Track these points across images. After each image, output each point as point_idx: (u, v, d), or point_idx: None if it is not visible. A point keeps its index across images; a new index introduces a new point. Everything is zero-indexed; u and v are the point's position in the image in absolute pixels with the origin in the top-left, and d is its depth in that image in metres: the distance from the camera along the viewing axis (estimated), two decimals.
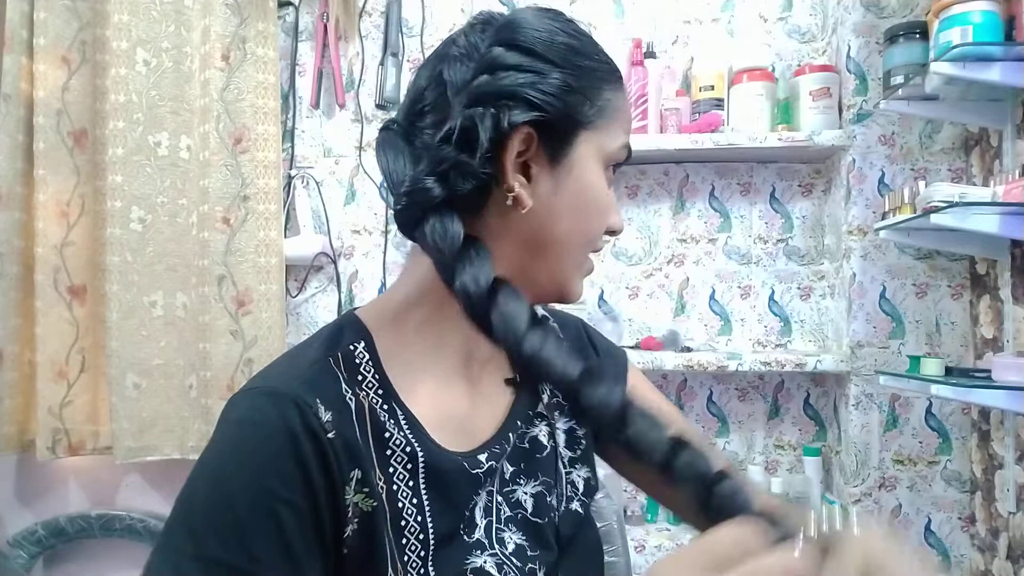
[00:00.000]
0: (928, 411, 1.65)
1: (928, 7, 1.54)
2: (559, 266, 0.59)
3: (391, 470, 0.55)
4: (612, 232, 0.62)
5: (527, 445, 0.65)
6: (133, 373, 1.80)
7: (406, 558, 0.54)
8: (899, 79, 1.51)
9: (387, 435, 0.55)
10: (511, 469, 0.63)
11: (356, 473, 0.53)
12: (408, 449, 0.56)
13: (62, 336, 1.84)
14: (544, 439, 0.67)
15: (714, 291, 1.86)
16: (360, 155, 1.91)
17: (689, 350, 1.74)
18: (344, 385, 0.55)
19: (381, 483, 0.54)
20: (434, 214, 0.53)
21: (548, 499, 0.65)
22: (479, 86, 0.54)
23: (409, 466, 0.56)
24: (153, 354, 1.82)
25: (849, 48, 1.70)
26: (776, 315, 1.85)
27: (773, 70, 1.80)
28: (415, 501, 0.56)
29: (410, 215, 0.55)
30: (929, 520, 1.63)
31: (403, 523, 0.55)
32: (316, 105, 1.91)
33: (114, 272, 1.79)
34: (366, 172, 1.91)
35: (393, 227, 1.90)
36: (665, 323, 1.86)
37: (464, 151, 0.53)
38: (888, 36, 1.57)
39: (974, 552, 1.61)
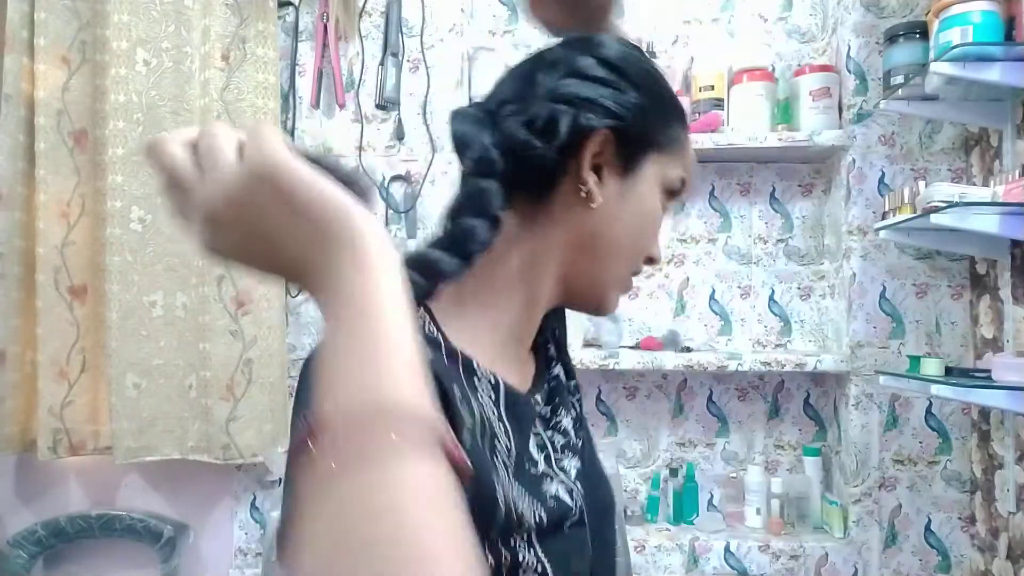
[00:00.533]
0: (928, 411, 1.65)
1: (928, 7, 1.54)
2: (605, 273, 0.63)
3: (479, 393, 0.56)
4: (651, 260, 0.66)
5: (554, 384, 0.71)
6: (133, 373, 1.80)
7: (500, 473, 0.54)
8: (899, 79, 1.51)
9: (473, 363, 0.57)
10: (548, 408, 0.68)
11: (456, 389, 0.53)
12: (492, 379, 0.58)
13: (63, 336, 1.84)
14: (563, 377, 0.72)
15: (714, 291, 1.87)
16: (360, 155, 1.91)
17: (689, 350, 1.74)
18: (425, 328, 0.57)
19: (472, 403, 0.55)
20: (485, 180, 0.58)
21: (576, 426, 0.70)
22: (566, 86, 0.59)
23: (492, 394, 0.58)
24: (153, 354, 1.82)
25: (849, 48, 1.70)
26: (776, 315, 1.85)
27: (773, 70, 1.80)
28: (500, 426, 0.57)
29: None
30: (929, 520, 1.63)
31: (496, 442, 0.56)
32: (316, 105, 1.92)
33: (114, 272, 1.79)
34: (366, 172, 1.91)
35: (393, 226, 1.90)
36: (665, 323, 1.86)
37: (539, 137, 0.58)
38: (888, 36, 1.57)
39: (974, 552, 1.61)
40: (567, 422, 0.68)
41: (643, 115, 0.60)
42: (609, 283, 0.64)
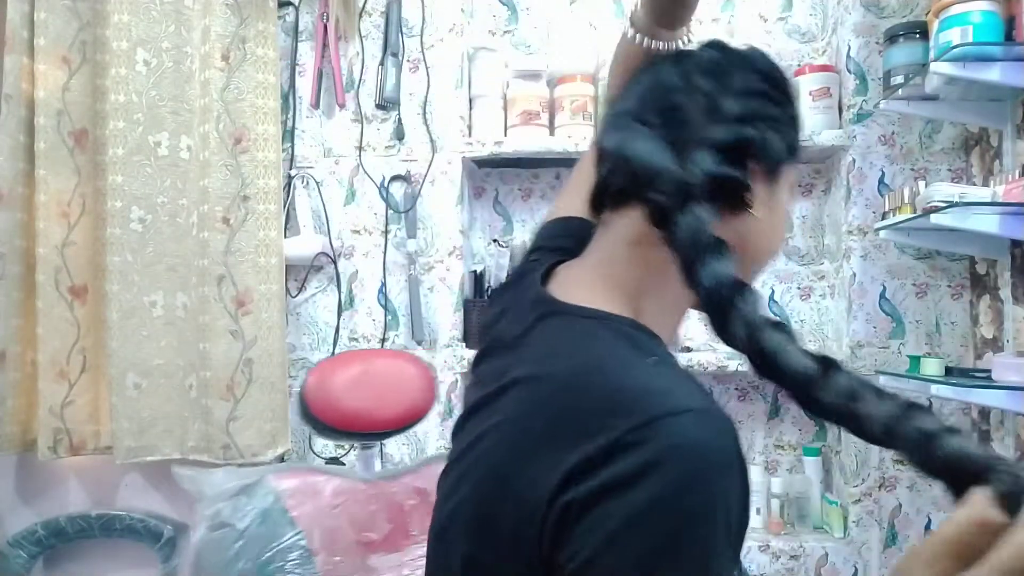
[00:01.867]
0: None
1: (928, 7, 1.54)
2: (746, 276, 0.60)
3: None
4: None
5: None
6: (133, 373, 1.81)
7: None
8: (899, 79, 1.51)
9: None
10: None
11: None
12: None
13: (63, 336, 1.84)
14: None
15: None
16: (360, 155, 1.91)
17: (689, 350, 1.74)
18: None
19: None
20: (694, 205, 0.54)
21: None
22: (751, 110, 0.59)
23: None
24: (153, 354, 1.82)
25: (849, 48, 1.70)
26: (776, 315, 1.85)
27: None
28: None
29: (666, 207, 0.55)
30: (929, 520, 1.63)
31: None
32: (316, 105, 1.92)
33: (114, 272, 1.79)
34: (366, 172, 1.91)
35: (393, 227, 1.90)
36: None
37: (730, 166, 0.58)
38: (888, 36, 1.57)
39: None
40: None
41: (796, 136, 0.63)
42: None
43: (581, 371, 0.54)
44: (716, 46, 0.64)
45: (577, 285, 0.63)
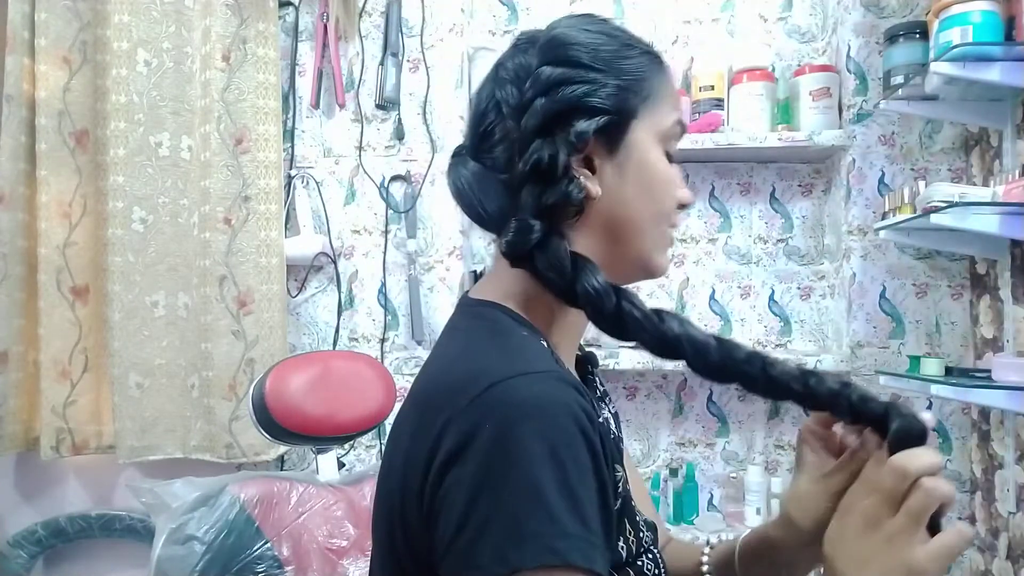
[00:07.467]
0: (928, 411, 1.65)
1: (928, 7, 1.54)
2: (638, 245, 0.63)
3: (607, 447, 0.55)
4: (683, 205, 0.65)
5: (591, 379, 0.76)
6: (135, 373, 1.81)
7: (637, 525, 0.62)
8: (899, 79, 1.52)
9: (601, 419, 0.58)
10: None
11: (612, 451, 0.56)
12: (603, 422, 0.60)
13: (65, 336, 1.85)
14: (612, 425, 0.74)
15: (714, 291, 1.87)
16: (360, 155, 1.91)
17: None
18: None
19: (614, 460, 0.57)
20: (540, 246, 0.57)
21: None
22: (542, 108, 0.58)
23: (612, 437, 0.63)
24: (155, 354, 1.82)
25: (849, 48, 1.70)
26: (776, 315, 1.85)
27: (773, 70, 1.80)
28: (620, 471, 0.60)
29: (518, 248, 0.58)
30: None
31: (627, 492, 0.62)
32: (316, 105, 1.92)
33: (116, 272, 1.80)
34: (366, 172, 1.91)
35: (393, 227, 1.90)
36: None
37: (550, 180, 0.58)
38: (888, 36, 1.57)
39: (974, 552, 1.61)
40: (609, 417, 0.73)
41: (618, 95, 0.60)
42: (647, 251, 0.63)
43: (440, 366, 0.59)
44: (523, 44, 0.63)
45: (480, 287, 0.66)
